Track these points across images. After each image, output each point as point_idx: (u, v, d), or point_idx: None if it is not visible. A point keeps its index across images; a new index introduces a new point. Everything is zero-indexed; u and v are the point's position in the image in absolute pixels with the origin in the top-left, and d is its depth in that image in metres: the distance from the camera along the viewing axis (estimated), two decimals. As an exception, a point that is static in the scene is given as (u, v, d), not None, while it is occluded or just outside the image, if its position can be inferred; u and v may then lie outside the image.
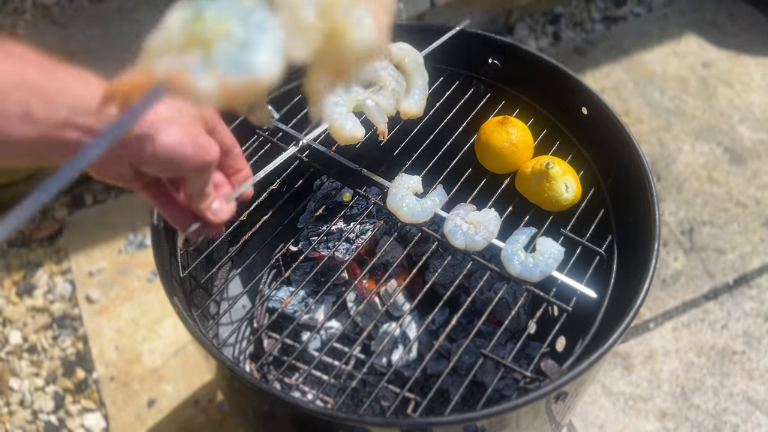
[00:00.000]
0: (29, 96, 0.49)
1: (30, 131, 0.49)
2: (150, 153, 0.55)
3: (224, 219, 0.67)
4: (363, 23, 0.38)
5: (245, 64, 0.34)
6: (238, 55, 0.34)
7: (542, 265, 0.83)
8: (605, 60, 2.03)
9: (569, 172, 0.91)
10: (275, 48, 0.35)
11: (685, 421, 1.36)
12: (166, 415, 1.39)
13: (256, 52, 0.34)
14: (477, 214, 0.87)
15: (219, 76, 0.34)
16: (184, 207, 0.65)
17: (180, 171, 0.58)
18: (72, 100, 0.51)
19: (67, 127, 0.51)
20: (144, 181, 0.62)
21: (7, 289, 1.60)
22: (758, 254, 1.60)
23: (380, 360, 0.98)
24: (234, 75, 0.34)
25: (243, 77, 0.34)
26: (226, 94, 0.34)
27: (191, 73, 0.34)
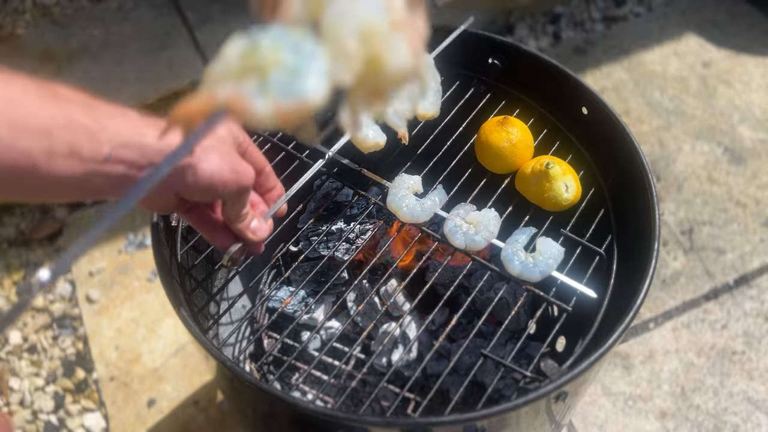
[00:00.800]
0: (76, 135, 0.52)
1: (77, 168, 0.52)
2: (192, 181, 0.59)
3: (263, 237, 0.71)
4: (399, 50, 0.42)
5: (296, 89, 0.39)
6: (290, 81, 0.39)
7: (542, 265, 0.83)
8: (605, 60, 2.03)
9: (569, 172, 0.91)
10: (322, 74, 0.40)
11: (685, 421, 1.36)
12: (166, 415, 1.39)
13: (306, 78, 0.39)
14: (477, 214, 0.87)
15: (274, 101, 0.39)
16: (225, 228, 0.69)
17: (219, 196, 0.62)
18: (114, 135, 0.54)
19: (110, 161, 0.54)
20: (186, 207, 0.66)
21: (7, 288, 1.60)
22: (758, 254, 1.60)
23: (380, 360, 0.98)
24: (287, 99, 0.39)
25: (294, 101, 0.39)
26: (280, 116, 0.39)
27: (249, 98, 0.39)
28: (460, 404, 0.80)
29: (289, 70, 0.39)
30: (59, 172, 0.51)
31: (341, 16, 0.41)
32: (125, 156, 0.54)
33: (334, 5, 0.41)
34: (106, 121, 0.54)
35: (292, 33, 0.41)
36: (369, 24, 0.41)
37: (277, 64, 0.39)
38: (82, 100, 0.55)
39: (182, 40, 1.81)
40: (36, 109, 0.49)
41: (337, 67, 0.40)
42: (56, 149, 0.50)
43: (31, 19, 1.88)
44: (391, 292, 1.04)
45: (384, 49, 0.42)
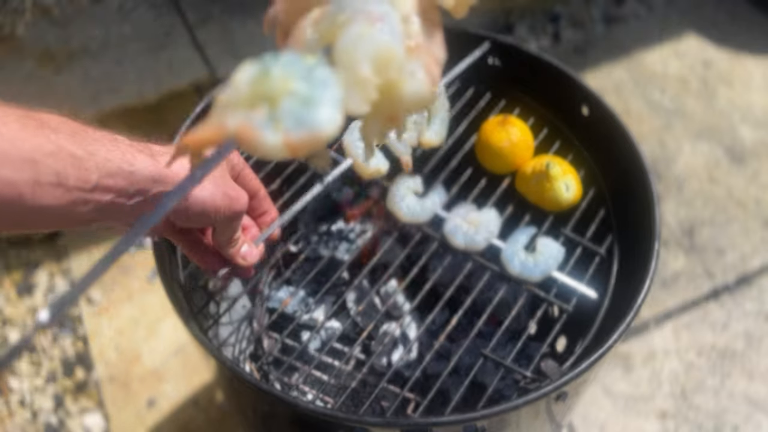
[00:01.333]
0: (63, 164, 0.50)
1: (63, 197, 0.50)
2: (183, 207, 0.57)
3: (253, 262, 0.69)
4: (416, 76, 0.41)
5: (308, 119, 0.37)
6: (301, 112, 0.37)
7: (542, 265, 0.83)
8: (605, 60, 2.03)
9: (569, 172, 0.91)
10: (335, 103, 0.38)
11: (686, 422, 1.36)
12: (166, 415, 1.39)
13: (319, 108, 0.37)
14: (477, 214, 0.87)
15: (284, 132, 0.37)
16: (214, 252, 0.67)
17: (211, 222, 0.61)
18: (102, 162, 0.52)
19: (98, 190, 0.52)
20: (176, 229, 0.64)
21: (7, 288, 1.60)
22: (759, 254, 1.60)
23: (380, 360, 0.98)
24: (298, 130, 0.37)
25: (306, 132, 0.37)
26: (291, 148, 0.37)
27: (259, 129, 0.37)
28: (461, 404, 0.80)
29: (300, 100, 0.37)
30: (45, 202, 0.49)
31: (355, 42, 0.39)
32: (113, 184, 0.52)
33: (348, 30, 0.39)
34: (94, 148, 0.52)
35: (305, 59, 0.39)
36: (385, 50, 0.39)
37: (288, 92, 0.37)
38: (69, 128, 0.53)
39: (182, 40, 1.81)
40: (20, 139, 0.48)
41: (352, 96, 0.38)
42: (42, 179, 0.48)
43: (30, 19, 1.88)
44: (391, 292, 1.04)
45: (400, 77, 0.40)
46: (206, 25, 1.85)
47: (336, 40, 0.39)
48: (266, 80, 0.38)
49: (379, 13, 0.40)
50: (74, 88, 1.72)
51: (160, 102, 1.72)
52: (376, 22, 0.39)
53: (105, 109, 1.68)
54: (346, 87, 0.38)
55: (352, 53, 0.39)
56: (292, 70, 0.38)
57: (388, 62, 0.39)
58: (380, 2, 0.41)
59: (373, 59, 0.39)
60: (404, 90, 0.40)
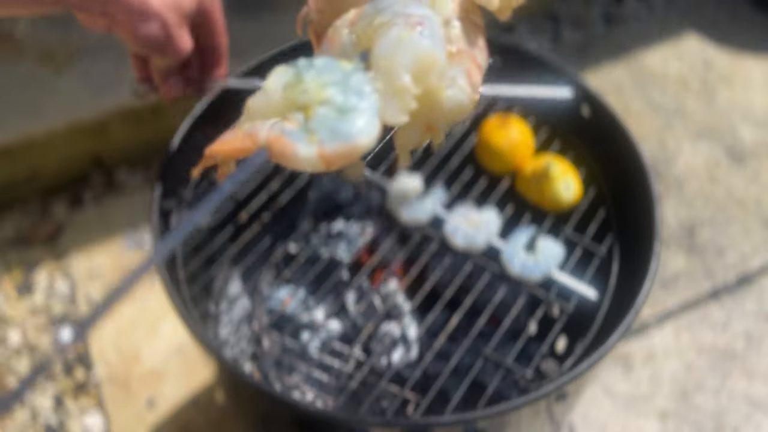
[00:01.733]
0: None
1: None
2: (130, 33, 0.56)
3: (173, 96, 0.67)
4: (456, 83, 0.38)
5: (344, 131, 0.35)
6: (336, 122, 0.35)
7: (543, 265, 0.83)
8: (606, 59, 2.03)
9: (570, 172, 0.91)
10: (372, 113, 0.35)
11: (686, 422, 1.36)
12: (166, 415, 1.39)
13: (354, 118, 0.35)
14: (477, 214, 0.87)
15: (319, 144, 0.35)
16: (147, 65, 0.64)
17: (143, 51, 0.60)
18: None
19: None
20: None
21: (7, 288, 1.60)
22: (759, 254, 1.60)
23: (380, 360, 0.98)
24: (333, 142, 0.35)
25: (342, 144, 0.35)
26: (326, 160, 0.35)
27: (292, 141, 0.35)
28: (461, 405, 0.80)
29: (336, 109, 0.35)
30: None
31: (395, 47, 0.36)
32: None
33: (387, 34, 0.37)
34: None
35: (341, 65, 0.36)
36: (426, 57, 0.36)
37: (322, 101, 0.35)
38: None
39: (182, 40, 1.81)
40: None
41: (390, 105, 0.36)
42: None
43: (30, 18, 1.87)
44: (391, 292, 1.04)
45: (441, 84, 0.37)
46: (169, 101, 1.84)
47: (374, 44, 0.37)
48: (300, 87, 0.36)
49: (420, 16, 0.37)
50: (74, 87, 1.71)
51: (160, 101, 1.72)
52: (416, 26, 0.37)
53: (105, 109, 1.68)
54: (384, 96, 0.36)
55: (391, 59, 0.36)
56: (327, 77, 0.36)
57: (429, 69, 0.37)
58: (420, 5, 0.38)
59: (413, 66, 0.36)
60: (444, 98, 0.38)
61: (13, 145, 1.64)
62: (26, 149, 1.66)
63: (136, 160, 1.82)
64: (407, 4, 0.38)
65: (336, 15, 0.41)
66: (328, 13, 0.42)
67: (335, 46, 0.39)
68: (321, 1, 0.44)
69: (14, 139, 1.63)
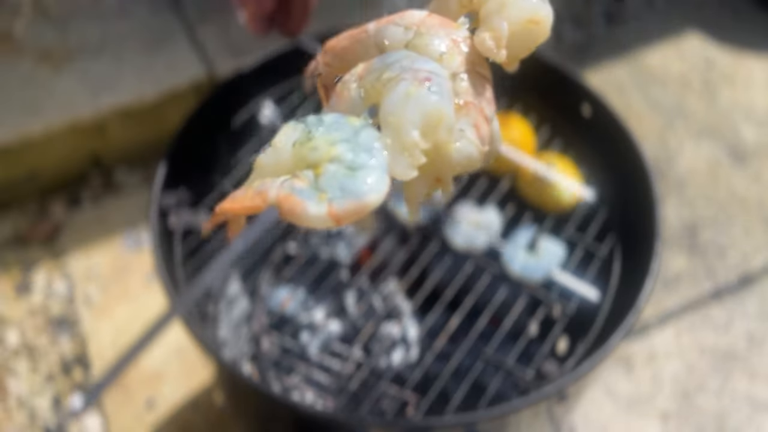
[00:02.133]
0: None
1: None
2: None
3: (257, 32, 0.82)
4: (465, 136, 0.39)
5: (354, 189, 0.35)
6: (346, 180, 0.35)
7: (543, 265, 0.83)
8: (607, 58, 2.02)
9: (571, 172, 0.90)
10: (382, 170, 0.36)
11: (687, 422, 1.35)
12: (165, 416, 1.38)
13: (364, 176, 0.35)
14: (478, 215, 0.86)
15: (329, 202, 0.35)
16: None
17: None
18: None
19: None
20: None
21: (5, 288, 1.60)
22: (761, 254, 1.59)
23: (380, 361, 0.97)
24: (343, 200, 0.35)
25: (352, 202, 0.35)
26: (336, 218, 0.35)
27: (302, 199, 0.35)
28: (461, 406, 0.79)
29: (345, 166, 0.35)
30: None
31: (403, 103, 0.36)
32: None
33: (395, 90, 0.37)
34: None
35: (349, 121, 0.37)
36: (434, 112, 0.37)
37: (332, 158, 0.35)
38: None
39: (181, 39, 1.81)
40: None
41: (399, 161, 0.36)
42: None
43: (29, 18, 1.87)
44: (391, 292, 1.03)
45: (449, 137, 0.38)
46: (206, 24, 1.84)
47: (382, 100, 0.37)
48: (309, 144, 0.36)
49: (428, 71, 0.38)
50: (73, 87, 1.71)
51: (159, 101, 1.71)
52: (424, 81, 0.37)
53: (103, 109, 1.67)
54: (393, 152, 0.36)
55: (399, 115, 0.36)
56: (337, 133, 0.36)
57: (437, 124, 0.37)
58: (428, 59, 0.39)
59: (421, 122, 0.36)
60: (453, 151, 0.38)
61: (12, 144, 1.63)
62: (25, 149, 1.65)
63: (134, 159, 1.81)
64: (415, 59, 0.39)
65: (344, 69, 0.41)
66: (337, 68, 0.43)
67: (344, 101, 0.39)
68: (329, 55, 0.45)
69: (13, 138, 1.63)
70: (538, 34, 0.43)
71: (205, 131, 0.99)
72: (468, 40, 0.41)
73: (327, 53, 0.45)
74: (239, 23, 0.81)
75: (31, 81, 1.73)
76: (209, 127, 0.99)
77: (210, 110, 0.97)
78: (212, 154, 0.99)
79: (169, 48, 1.79)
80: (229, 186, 0.94)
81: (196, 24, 1.84)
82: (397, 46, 0.40)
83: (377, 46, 0.41)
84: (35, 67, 1.76)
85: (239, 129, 1.01)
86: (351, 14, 1.82)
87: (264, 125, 1.01)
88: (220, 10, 1.86)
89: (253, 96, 1.02)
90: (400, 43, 0.40)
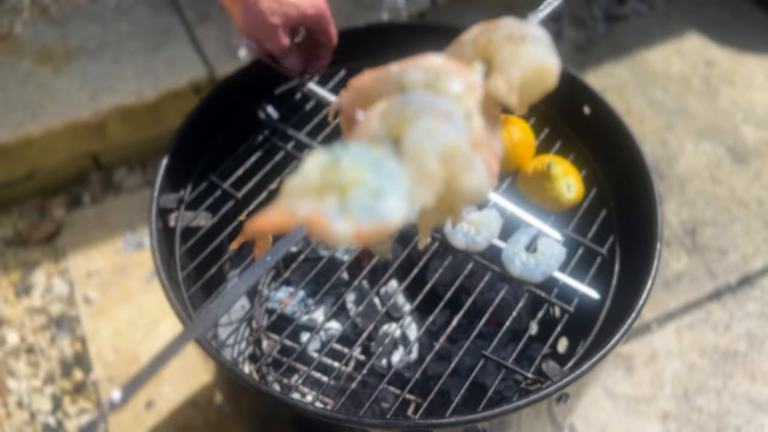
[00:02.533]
0: None
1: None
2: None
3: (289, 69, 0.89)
4: (476, 171, 0.43)
5: (378, 210, 0.38)
6: (371, 202, 0.38)
7: (544, 265, 0.82)
8: (607, 59, 2.02)
9: (571, 172, 0.90)
10: (403, 195, 0.39)
11: (688, 423, 1.35)
12: (165, 416, 1.38)
13: (387, 199, 0.38)
14: (478, 214, 0.86)
15: (354, 222, 0.38)
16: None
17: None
18: None
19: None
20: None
21: (5, 289, 1.60)
22: (761, 255, 1.59)
23: (380, 361, 0.97)
24: (368, 221, 0.38)
25: (376, 223, 0.38)
26: (360, 237, 0.38)
27: (329, 218, 0.38)
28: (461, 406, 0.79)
29: (370, 191, 0.38)
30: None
31: (424, 137, 0.41)
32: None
33: (417, 125, 0.41)
34: None
35: (373, 151, 0.40)
36: (452, 146, 0.41)
37: (358, 183, 0.38)
38: None
39: (180, 39, 1.81)
40: None
41: (419, 188, 0.40)
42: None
43: (29, 17, 1.87)
44: (391, 292, 1.03)
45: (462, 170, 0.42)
46: (205, 24, 1.84)
47: (404, 134, 0.41)
48: (336, 169, 0.39)
49: (446, 109, 0.42)
50: (72, 86, 1.71)
51: (159, 101, 1.71)
52: (442, 119, 0.41)
53: (103, 108, 1.67)
54: (414, 180, 0.40)
55: (420, 148, 0.40)
56: (362, 161, 0.39)
57: (454, 157, 0.41)
58: (445, 99, 0.43)
59: (440, 154, 0.40)
60: (465, 183, 0.42)
61: (12, 144, 1.63)
62: (24, 149, 1.65)
63: (134, 160, 1.81)
64: (434, 98, 0.43)
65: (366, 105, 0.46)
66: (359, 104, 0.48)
67: (367, 134, 0.43)
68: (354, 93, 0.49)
69: (12, 138, 1.63)
70: (547, 82, 0.48)
71: (205, 131, 0.98)
72: (482, 84, 0.46)
73: (351, 91, 0.50)
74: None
75: (31, 81, 1.73)
76: (209, 127, 0.99)
77: (210, 110, 0.97)
78: (212, 154, 0.99)
79: (169, 48, 1.79)
80: (229, 186, 0.94)
81: (196, 24, 1.84)
82: (417, 86, 0.44)
83: (398, 85, 0.45)
84: (35, 67, 1.75)
85: (239, 129, 1.00)
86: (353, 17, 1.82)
87: (264, 125, 1.01)
88: (220, 10, 1.85)
89: (253, 96, 1.02)
90: (420, 84, 0.44)
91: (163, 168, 0.90)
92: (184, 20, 1.86)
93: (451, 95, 0.43)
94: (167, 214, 0.91)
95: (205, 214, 0.93)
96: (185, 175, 0.96)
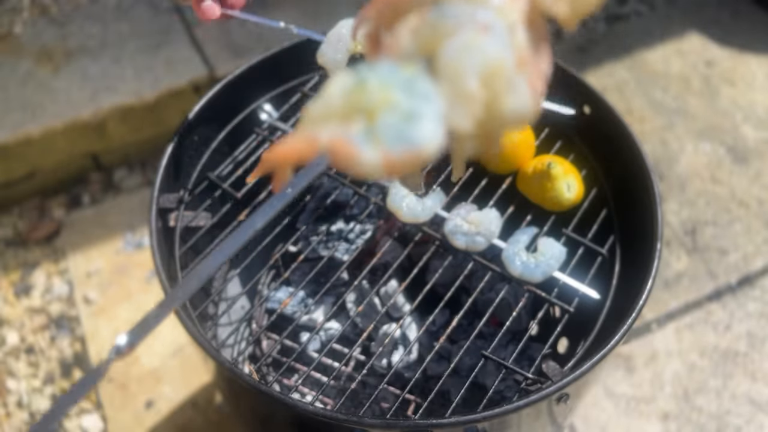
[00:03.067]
0: None
1: None
2: None
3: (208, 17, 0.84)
4: (519, 92, 0.37)
5: (410, 135, 0.33)
6: (402, 126, 0.34)
7: (544, 265, 0.82)
8: (607, 58, 2.02)
9: (571, 172, 0.90)
10: (438, 119, 0.34)
11: (688, 423, 1.35)
12: (165, 416, 1.38)
13: (421, 123, 0.34)
14: (478, 214, 0.86)
15: (383, 148, 0.34)
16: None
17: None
18: None
19: None
20: None
21: (5, 289, 1.60)
22: (761, 255, 1.59)
23: (380, 361, 0.97)
24: (399, 147, 0.33)
25: (407, 149, 0.34)
26: (389, 166, 0.34)
27: (355, 144, 0.34)
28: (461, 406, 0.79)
29: (401, 114, 0.34)
30: None
31: (462, 53, 0.35)
32: None
33: (454, 40, 0.36)
34: None
35: (404, 70, 0.35)
36: (494, 63, 0.35)
37: (387, 105, 0.34)
38: None
39: (180, 39, 1.81)
40: None
41: (456, 111, 0.35)
42: None
43: (28, 17, 1.87)
44: (391, 293, 1.03)
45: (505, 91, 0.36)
46: (204, 24, 1.84)
47: (439, 50, 0.36)
48: (363, 91, 0.34)
49: (487, 21, 0.36)
50: (72, 86, 1.71)
51: (159, 101, 1.71)
52: (483, 32, 0.36)
53: (103, 108, 1.67)
54: (450, 101, 0.35)
55: (458, 65, 0.35)
56: (391, 82, 0.35)
57: (497, 76, 0.36)
58: (486, 10, 0.37)
59: (480, 73, 0.35)
60: (507, 106, 0.37)
61: (11, 144, 1.63)
62: (24, 149, 1.65)
63: (134, 160, 1.81)
64: (474, 9, 0.37)
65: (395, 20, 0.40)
66: (387, 20, 0.42)
67: (397, 51, 0.38)
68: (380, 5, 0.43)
69: (12, 138, 1.63)
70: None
71: (205, 131, 0.98)
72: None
73: (377, 3, 0.43)
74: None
75: (30, 81, 1.73)
76: (209, 127, 0.99)
77: (210, 110, 0.97)
78: (212, 154, 0.99)
79: (169, 48, 1.79)
80: (228, 186, 0.94)
81: (195, 24, 1.84)
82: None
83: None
84: (35, 67, 1.75)
85: (239, 129, 1.00)
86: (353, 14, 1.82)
87: (264, 125, 1.01)
88: (220, 10, 1.85)
89: (253, 96, 1.02)
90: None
91: (163, 168, 0.90)
92: (183, 20, 1.86)
93: (493, 6, 0.38)
94: (167, 214, 0.91)
95: (205, 214, 0.92)
96: (185, 175, 0.96)
